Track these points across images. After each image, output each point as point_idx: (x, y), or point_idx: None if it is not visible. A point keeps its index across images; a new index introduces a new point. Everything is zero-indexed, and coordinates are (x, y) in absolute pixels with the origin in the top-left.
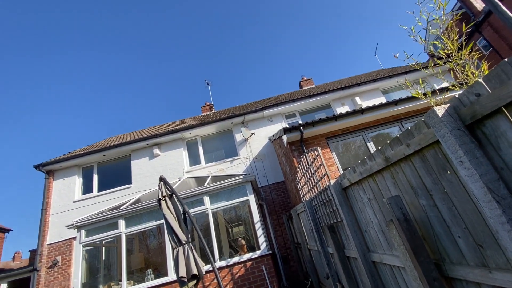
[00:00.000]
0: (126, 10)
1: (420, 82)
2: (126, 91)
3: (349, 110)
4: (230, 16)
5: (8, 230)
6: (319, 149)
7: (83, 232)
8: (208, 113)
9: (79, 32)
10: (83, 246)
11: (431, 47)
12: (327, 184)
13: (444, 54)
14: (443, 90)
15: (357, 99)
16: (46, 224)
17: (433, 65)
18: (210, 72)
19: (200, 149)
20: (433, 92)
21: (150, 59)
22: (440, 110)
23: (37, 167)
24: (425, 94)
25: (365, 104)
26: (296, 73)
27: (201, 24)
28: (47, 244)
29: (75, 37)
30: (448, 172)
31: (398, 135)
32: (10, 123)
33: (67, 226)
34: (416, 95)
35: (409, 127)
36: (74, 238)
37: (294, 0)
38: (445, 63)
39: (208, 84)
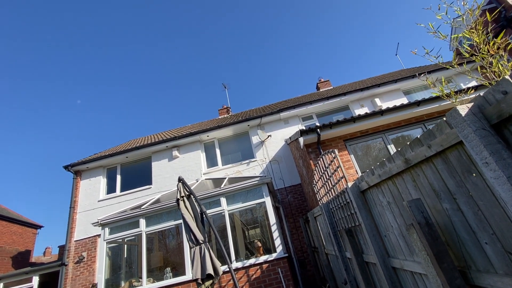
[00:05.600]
0: (141, 14)
1: (443, 80)
2: (146, 94)
3: (368, 112)
4: (246, 18)
5: (40, 227)
6: (336, 151)
7: (107, 229)
8: (225, 115)
9: (103, 35)
10: (106, 243)
11: (456, 43)
12: (345, 187)
13: (469, 49)
14: (471, 89)
15: (377, 100)
16: (73, 221)
17: (459, 63)
18: (227, 75)
19: (217, 151)
20: (459, 92)
21: (167, 65)
22: (463, 109)
23: (66, 167)
24: (449, 95)
25: (385, 105)
26: (313, 75)
27: (217, 27)
28: (75, 241)
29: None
30: (473, 174)
31: (418, 136)
32: (42, 125)
33: (92, 223)
34: (438, 95)
35: (431, 128)
36: (99, 235)
37: (312, 1)
38: (468, 62)
39: (225, 87)
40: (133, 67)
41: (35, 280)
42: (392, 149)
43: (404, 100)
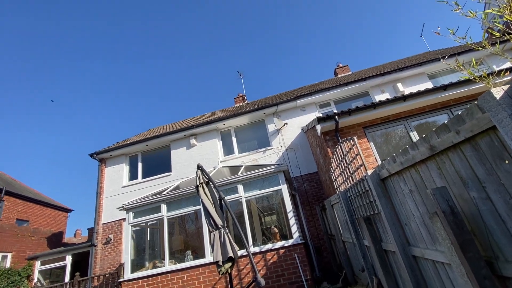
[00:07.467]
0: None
1: (473, 62)
2: (163, 85)
3: (389, 97)
4: (262, 4)
5: (70, 210)
6: (355, 138)
7: (131, 214)
8: (241, 104)
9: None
10: (131, 226)
11: (486, 21)
12: (364, 174)
13: (501, 27)
14: (505, 70)
15: (399, 85)
16: (100, 206)
17: (491, 43)
18: (242, 62)
19: (234, 139)
20: (492, 74)
21: (182, 54)
22: (498, 92)
23: (91, 155)
24: (481, 77)
25: (408, 90)
26: (331, 61)
27: (232, 14)
28: (102, 224)
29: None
30: (506, 161)
31: (446, 122)
32: (66, 115)
33: (118, 208)
34: (468, 78)
35: (459, 113)
36: (124, 219)
37: None
38: (502, 41)
39: (240, 75)
40: (148, 59)
41: (68, 259)
42: (414, 136)
43: (429, 85)
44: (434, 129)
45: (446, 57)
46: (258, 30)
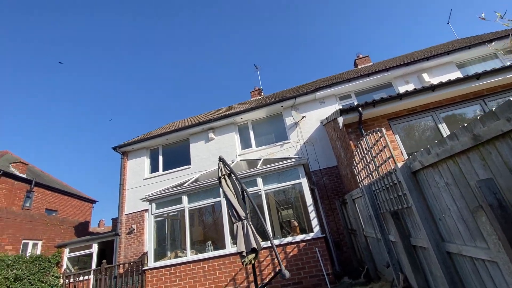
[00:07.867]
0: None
1: None
2: (176, 80)
3: (416, 88)
4: None
5: (95, 201)
6: (383, 129)
7: (153, 205)
8: (257, 97)
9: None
10: (154, 217)
11: None
12: (393, 167)
13: None
14: None
15: (425, 75)
16: (123, 197)
17: None
18: (258, 55)
19: (251, 133)
20: None
21: (198, 48)
22: None
23: (114, 148)
24: None
25: (434, 80)
26: (350, 52)
27: (245, 7)
28: (125, 214)
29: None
30: None
31: (493, 109)
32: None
33: (141, 199)
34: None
35: (511, 98)
36: (146, 210)
37: None
38: None
39: (257, 68)
40: (166, 52)
41: (95, 247)
42: (443, 128)
43: (457, 74)
44: (478, 117)
45: (494, 42)
46: (273, 21)
